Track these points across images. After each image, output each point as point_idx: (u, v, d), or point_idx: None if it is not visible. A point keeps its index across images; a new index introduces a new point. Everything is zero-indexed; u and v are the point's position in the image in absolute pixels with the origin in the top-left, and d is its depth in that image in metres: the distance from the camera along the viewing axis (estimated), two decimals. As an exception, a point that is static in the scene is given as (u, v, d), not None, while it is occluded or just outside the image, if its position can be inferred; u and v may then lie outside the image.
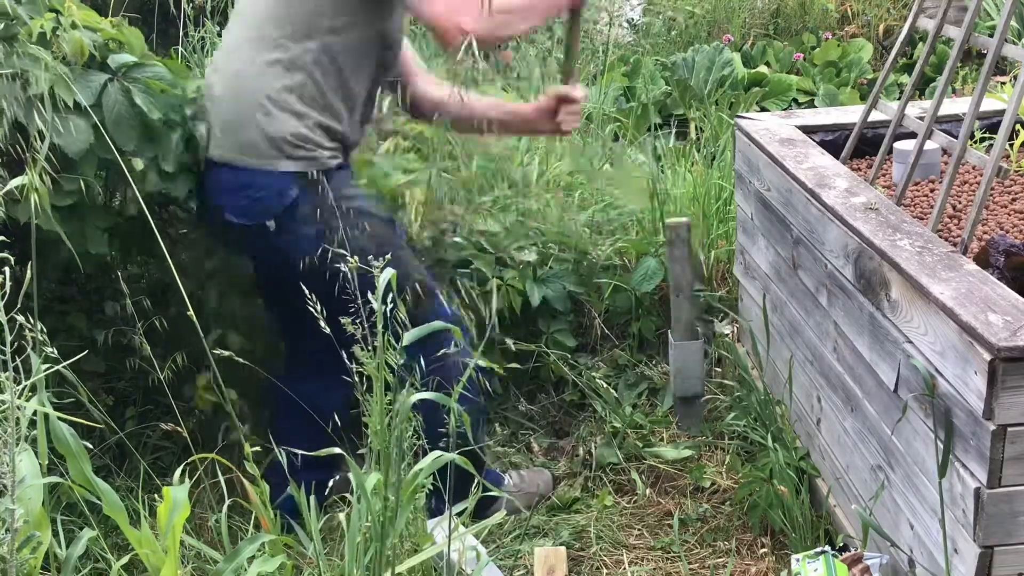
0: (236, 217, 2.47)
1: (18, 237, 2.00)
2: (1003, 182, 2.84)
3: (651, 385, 3.35)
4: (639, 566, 2.65)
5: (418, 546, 2.04)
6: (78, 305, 2.90)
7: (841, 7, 6.68)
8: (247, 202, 2.45)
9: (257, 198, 2.43)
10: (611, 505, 2.88)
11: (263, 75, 2.43)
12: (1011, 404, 1.78)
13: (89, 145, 2.32)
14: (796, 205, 2.66)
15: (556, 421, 3.31)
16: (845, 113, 3.24)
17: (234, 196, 2.47)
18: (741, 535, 2.74)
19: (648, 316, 3.48)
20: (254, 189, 2.44)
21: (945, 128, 2.75)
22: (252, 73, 2.44)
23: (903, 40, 2.81)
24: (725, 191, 3.79)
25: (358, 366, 1.90)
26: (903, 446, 2.14)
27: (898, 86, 5.44)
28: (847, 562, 2.24)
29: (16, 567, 1.50)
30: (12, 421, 1.48)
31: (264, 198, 2.43)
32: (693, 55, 5.59)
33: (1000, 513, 1.86)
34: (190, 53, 4.03)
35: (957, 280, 1.99)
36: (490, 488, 2.29)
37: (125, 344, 2.67)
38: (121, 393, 2.97)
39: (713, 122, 4.93)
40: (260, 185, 2.44)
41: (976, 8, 2.49)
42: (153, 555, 1.66)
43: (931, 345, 1.97)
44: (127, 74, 2.42)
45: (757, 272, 3.08)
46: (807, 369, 2.70)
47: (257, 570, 1.71)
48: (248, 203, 2.45)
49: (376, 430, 1.92)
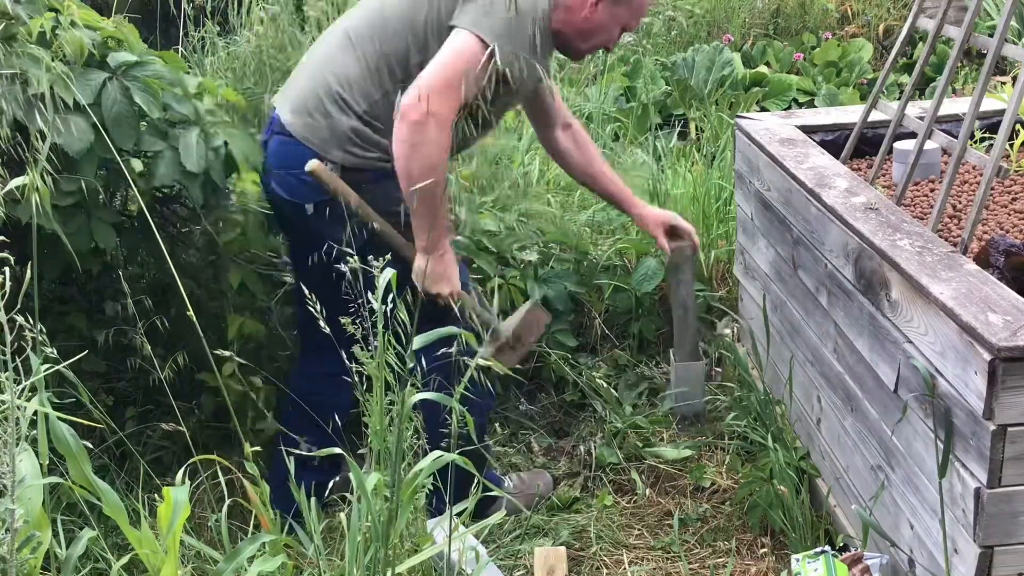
0: (281, 190, 2.51)
1: (18, 237, 2.00)
2: (1003, 182, 2.84)
3: (651, 385, 3.35)
4: (639, 566, 2.65)
5: (418, 546, 2.04)
6: (78, 305, 2.90)
7: (841, 7, 6.68)
8: (295, 181, 2.47)
9: (304, 179, 2.44)
10: (611, 505, 2.88)
11: (346, 71, 2.45)
12: (1011, 404, 1.78)
13: (90, 144, 2.32)
14: (796, 205, 2.66)
15: (556, 421, 3.31)
16: (845, 113, 3.24)
17: (285, 170, 2.49)
18: (741, 535, 2.74)
19: (648, 316, 3.49)
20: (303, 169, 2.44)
21: (945, 128, 2.75)
22: (337, 64, 2.47)
23: (903, 40, 2.82)
24: (725, 191, 3.79)
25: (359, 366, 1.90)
26: (903, 446, 2.14)
27: (898, 86, 5.44)
28: (847, 562, 2.24)
29: (16, 567, 1.50)
30: (12, 421, 1.48)
31: (312, 182, 2.43)
32: (693, 55, 5.59)
33: (1000, 513, 1.86)
34: (190, 53, 4.03)
35: (957, 280, 1.99)
36: (491, 488, 2.29)
37: (125, 344, 2.67)
38: (121, 393, 2.97)
39: (713, 122, 4.94)
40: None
41: (976, 8, 2.50)
42: (153, 555, 1.66)
43: (931, 345, 1.97)
44: (126, 73, 2.42)
45: (757, 272, 3.08)
46: (807, 369, 2.70)
47: (257, 570, 1.71)
48: (296, 182, 2.47)
49: (376, 430, 1.92)
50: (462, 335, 1.92)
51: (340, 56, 2.47)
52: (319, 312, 1.88)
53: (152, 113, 2.42)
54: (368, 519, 1.86)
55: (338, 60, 2.47)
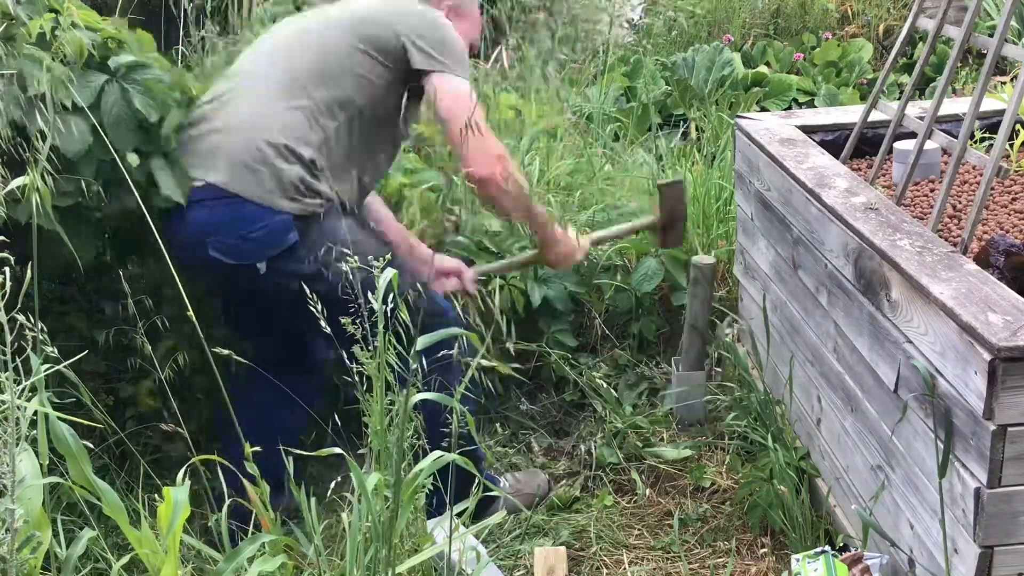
0: (224, 256, 2.41)
1: (18, 237, 2.00)
2: (1003, 182, 2.84)
3: (651, 385, 3.35)
4: (639, 566, 2.65)
5: (418, 546, 2.04)
6: (78, 305, 2.90)
7: (841, 7, 6.69)
8: (238, 241, 2.40)
9: (249, 237, 2.39)
10: (611, 505, 2.88)
11: (287, 121, 2.44)
12: (1011, 404, 1.78)
13: (88, 146, 2.32)
14: (796, 205, 2.66)
15: (556, 421, 3.31)
16: (845, 113, 3.24)
17: (224, 233, 2.41)
18: (741, 535, 2.74)
19: (648, 316, 3.49)
20: (251, 226, 2.39)
21: (945, 128, 2.75)
22: (276, 116, 2.45)
23: (903, 40, 2.81)
24: (725, 191, 3.79)
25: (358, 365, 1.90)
26: (903, 446, 2.14)
27: (898, 86, 5.44)
28: (847, 562, 2.24)
29: (16, 567, 1.50)
30: (12, 421, 1.48)
31: (262, 237, 2.40)
32: (693, 55, 5.60)
33: (1000, 513, 1.86)
34: (190, 53, 4.03)
35: (957, 280, 1.99)
36: (490, 488, 2.29)
37: (125, 344, 2.66)
38: (121, 393, 2.96)
39: (713, 122, 4.94)
40: (260, 224, 2.40)
41: (976, 8, 2.50)
42: (153, 555, 1.66)
43: (931, 345, 1.97)
44: (126, 75, 2.42)
45: (757, 272, 3.08)
46: (807, 369, 2.70)
47: (257, 570, 1.71)
48: (240, 242, 2.40)
49: (376, 430, 1.92)
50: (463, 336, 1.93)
51: (274, 105, 2.46)
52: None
53: (151, 117, 2.41)
54: (368, 519, 1.87)
55: (273, 110, 2.46)
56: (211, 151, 2.45)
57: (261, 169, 2.40)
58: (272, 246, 2.40)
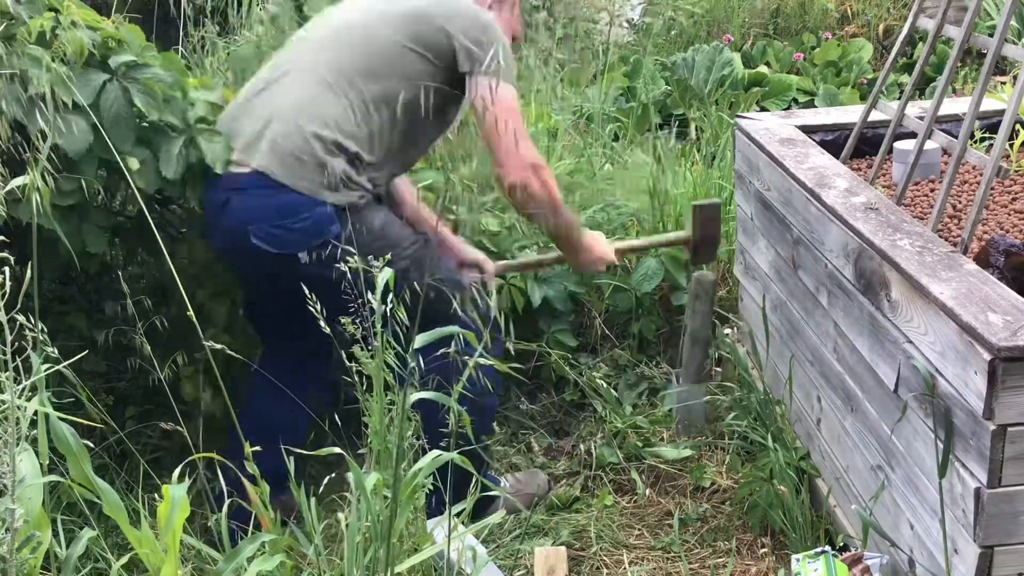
0: (267, 245, 2.41)
1: (18, 237, 2.00)
2: (1003, 182, 2.84)
3: (651, 385, 3.35)
4: (639, 566, 2.65)
5: (418, 546, 2.04)
6: (78, 305, 2.90)
7: (841, 7, 6.68)
8: (282, 231, 2.40)
9: (293, 227, 2.40)
10: (611, 505, 2.88)
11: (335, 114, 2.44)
12: (1011, 404, 1.78)
13: (89, 145, 2.32)
14: (796, 205, 2.66)
15: (556, 421, 3.31)
16: (845, 113, 3.24)
17: (269, 223, 2.41)
18: (741, 535, 2.74)
19: (648, 316, 3.49)
20: (295, 216, 2.39)
21: (945, 128, 2.75)
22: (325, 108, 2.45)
23: (903, 40, 2.81)
24: (725, 191, 3.79)
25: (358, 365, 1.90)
26: (903, 446, 2.14)
27: (898, 86, 5.44)
28: (847, 562, 2.24)
29: (16, 567, 1.50)
30: (12, 421, 1.48)
31: (306, 227, 2.40)
32: (693, 55, 5.59)
33: (1000, 513, 1.86)
34: (190, 53, 4.03)
35: (957, 280, 1.99)
36: (489, 488, 2.29)
37: (125, 344, 2.66)
38: (121, 393, 2.97)
39: (713, 122, 4.93)
40: (305, 214, 2.40)
41: (976, 8, 2.50)
42: (153, 555, 1.66)
43: (931, 345, 1.97)
44: (126, 74, 2.42)
45: (757, 272, 3.08)
46: (807, 369, 2.70)
47: (257, 570, 1.71)
48: (284, 232, 2.40)
49: (376, 430, 1.92)
50: (461, 335, 1.93)
51: (322, 98, 2.46)
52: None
53: (151, 115, 2.41)
54: (368, 519, 1.86)
55: (320, 103, 2.45)
56: (257, 138, 2.45)
57: (308, 160, 2.41)
58: (315, 236, 2.39)
